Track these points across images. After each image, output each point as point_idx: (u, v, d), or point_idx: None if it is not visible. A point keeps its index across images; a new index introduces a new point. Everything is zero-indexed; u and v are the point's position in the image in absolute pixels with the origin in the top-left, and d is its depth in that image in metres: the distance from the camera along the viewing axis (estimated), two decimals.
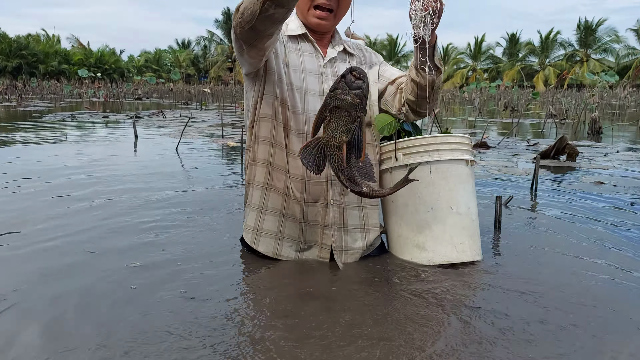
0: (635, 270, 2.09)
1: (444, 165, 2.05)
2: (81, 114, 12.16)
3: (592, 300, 1.78)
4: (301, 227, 2.04)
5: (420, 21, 1.73)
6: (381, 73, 2.18)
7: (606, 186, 3.88)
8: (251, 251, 2.16)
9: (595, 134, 8.33)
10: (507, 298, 1.80)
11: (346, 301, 1.74)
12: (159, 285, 1.85)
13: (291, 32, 2.05)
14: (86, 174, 4.05)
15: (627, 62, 47.95)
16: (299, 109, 1.99)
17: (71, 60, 50.46)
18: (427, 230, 2.05)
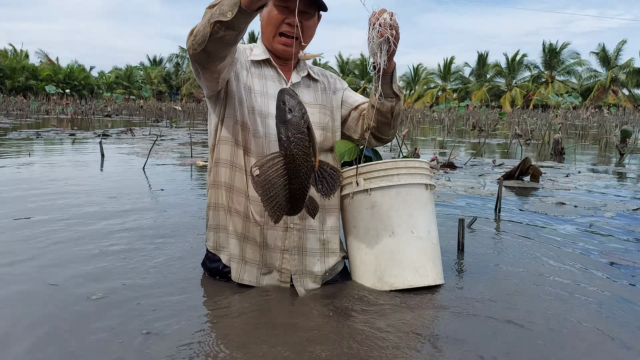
0: (590, 290, 2.14)
1: (404, 189, 2.07)
2: (47, 131, 11.91)
3: (546, 322, 1.81)
4: (261, 251, 2.02)
5: (377, 49, 1.76)
6: (344, 99, 2.21)
7: (567, 207, 3.98)
8: (212, 275, 2.13)
9: (557, 154, 8.56)
10: (468, 324, 1.81)
11: (306, 331, 1.73)
12: (119, 319, 1.80)
13: (255, 57, 2.06)
14: (48, 196, 3.95)
15: (590, 84, 49.68)
16: (260, 132, 1.99)
17: (39, 75, 49.54)
18: (388, 255, 2.05)
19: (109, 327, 1.71)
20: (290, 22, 1.94)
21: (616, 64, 48.47)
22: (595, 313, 1.93)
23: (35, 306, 1.88)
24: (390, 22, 1.74)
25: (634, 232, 3.21)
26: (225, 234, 2.05)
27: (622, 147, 9.03)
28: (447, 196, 4.40)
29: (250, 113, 1.98)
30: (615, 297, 2.11)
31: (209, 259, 2.15)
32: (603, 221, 3.52)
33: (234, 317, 1.82)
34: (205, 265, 2.20)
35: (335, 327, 1.75)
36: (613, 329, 1.79)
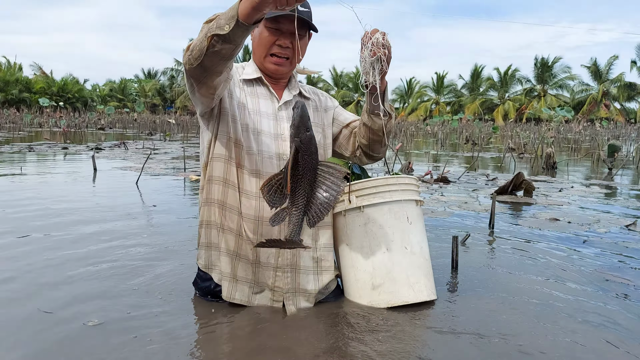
0: (585, 308, 2.13)
1: (396, 205, 2.08)
2: (40, 144, 11.85)
3: (538, 349, 1.79)
4: (253, 268, 2.00)
5: (370, 67, 1.77)
6: (335, 117, 2.22)
7: (561, 223, 3.99)
8: (204, 294, 2.11)
9: (550, 168, 8.59)
10: (465, 346, 1.79)
11: (300, 354, 1.71)
12: (116, 347, 1.77)
13: (247, 75, 2.06)
14: (39, 212, 3.92)
15: (582, 98, 50.15)
16: (253, 149, 1.98)
17: (33, 88, 49.44)
18: (384, 272, 2.04)
19: (90, 349, 1.68)
20: (281, 43, 1.95)
21: (607, 78, 49.00)
22: (592, 331, 1.92)
23: (25, 336, 1.84)
24: (383, 41, 1.75)
25: (627, 249, 3.21)
26: (217, 252, 2.03)
27: (610, 161, 9.08)
28: (441, 212, 4.39)
29: (244, 130, 1.98)
30: (611, 314, 2.09)
31: (201, 277, 2.13)
32: (597, 237, 3.51)
33: (224, 342, 1.79)
34: (196, 285, 2.17)
35: (329, 350, 1.72)
36: (610, 347, 1.77)
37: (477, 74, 56.12)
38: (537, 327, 1.96)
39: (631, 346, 1.82)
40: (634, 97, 48.37)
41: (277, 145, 2.02)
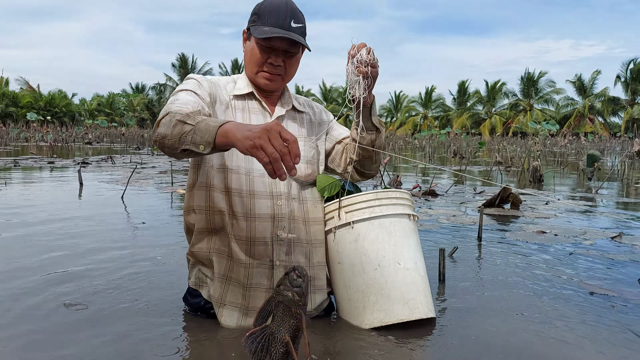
0: (571, 322, 2.13)
1: (387, 220, 2.01)
2: (25, 159, 11.74)
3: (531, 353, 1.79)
4: (244, 292, 1.94)
5: (356, 83, 1.77)
6: (329, 132, 2.18)
7: (547, 235, 4.00)
8: (194, 311, 2.08)
9: (536, 181, 8.66)
10: (448, 354, 1.78)
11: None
12: None
13: (238, 91, 2.01)
14: (21, 228, 3.86)
15: (567, 112, 50.88)
16: (242, 169, 1.92)
17: (19, 103, 49.13)
18: (376, 289, 1.96)
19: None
20: (272, 61, 1.91)
21: (592, 93, 49.81)
22: (575, 345, 1.91)
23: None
24: (367, 58, 1.75)
25: (613, 260, 3.22)
26: (206, 275, 2.00)
27: (591, 171, 9.15)
28: (429, 225, 4.39)
29: (231, 150, 1.90)
30: (596, 327, 2.09)
31: (191, 294, 2.09)
32: (583, 249, 3.53)
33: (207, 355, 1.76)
34: (186, 300, 2.13)
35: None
36: (589, 357, 1.77)
37: (464, 89, 56.79)
38: (524, 336, 1.95)
39: (614, 355, 1.81)
40: (618, 112, 49.19)
41: None
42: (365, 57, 1.76)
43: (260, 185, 1.93)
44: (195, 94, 1.85)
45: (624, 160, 13.75)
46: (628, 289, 2.62)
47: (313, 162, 2.09)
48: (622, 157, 15.19)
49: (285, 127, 1.98)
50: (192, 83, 1.92)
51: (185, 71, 55.92)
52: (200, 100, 1.84)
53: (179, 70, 56.26)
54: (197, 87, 1.90)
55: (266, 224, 1.92)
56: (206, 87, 1.93)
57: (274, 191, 1.94)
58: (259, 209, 1.91)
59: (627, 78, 47.34)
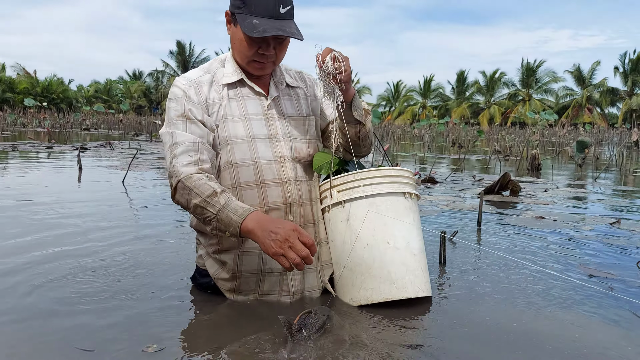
0: (569, 302, 2.15)
1: (378, 199, 1.98)
2: (24, 144, 11.70)
3: (526, 333, 1.81)
4: (257, 278, 1.97)
5: (330, 93, 1.79)
6: (323, 109, 2.15)
7: (546, 221, 4.03)
8: (203, 290, 2.10)
9: (534, 169, 8.68)
10: (448, 337, 1.80)
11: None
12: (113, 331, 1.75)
13: (228, 78, 1.94)
14: (21, 212, 3.86)
15: (566, 102, 50.83)
16: (248, 160, 1.90)
17: (16, 88, 48.84)
18: (364, 268, 1.97)
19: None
20: (264, 52, 1.84)
21: (591, 83, 49.75)
22: (575, 325, 1.94)
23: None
24: (334, 67, 1.74)
25: (612, 245, 3.25)
26: (219, 265, 2.00)
27: (581, 157, 9.12)
28: (429, 210, 4.41)
29: (234, 143, 1.89)
30: (595, 307, 2.12)
31: (200, 273, 2.09)
32: (582, 235, 3.56)
33: (217, 331, 1.78)
34: (195, 280, 2.14)
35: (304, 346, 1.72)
36: (590, 340, 1.80)
37: (463, 79, 56.63)
38: (523, 317, 1.98)
39: (613, 334, 1.84)
40: (616, 102, 49.17)
41: (273, 148, 1.94)
42: (332, 67, 1.74)
43: (269, 172, 1.92)
44: (190, 120, 1.83)
45: (621, 150, 13.79)
46: (627, 273, 2.65)
47: (314, 141, 2.09)
48: (619, 147, 15.22)
49: (282, 107, 1.99)
50: (180, 97, 1.86)
51: (182, 58, 55.60)
52: (197, 127, 1.83)
53: (177, 57, 55.92)
54: (187, 103, 1.85)
55: (279, 212, 1.94)
56: (194, 97, 1.87)
57: (282, 177, 1.94)
58: (271, 197, 1.92)
59: (627, 69, 47.27)
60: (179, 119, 1.84)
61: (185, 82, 1.90)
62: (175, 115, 1.85)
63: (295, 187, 1.97)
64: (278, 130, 1.96)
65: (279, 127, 1.97)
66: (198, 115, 1.85)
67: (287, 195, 1.94)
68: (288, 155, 1.97)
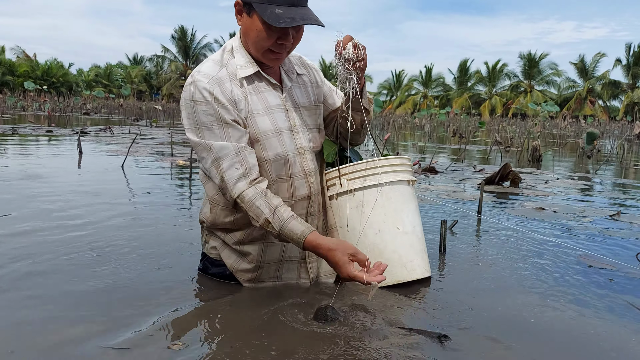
0: (569, 291, 2.16)
1: (387, 187, 2.08)
2: (24, 127, 11.67)
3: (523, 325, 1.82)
4: (277, 265, 2.01)
5: (346, 79, 1.81)
6: (326, 97, 2.13)
7: (547, 212, 4.03)
8: (217, 278, 2.09)
9: (535, 161, 8.67)
10: (450, 321, 1.81)
11: (293, 333, 1.71)
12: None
13: (243, 71, 1.85)
14: (21, 197, 3.85)
15: (568, 95, 50.64)
16: (280, 155, 1.87)
17: (16, 71, 48.61)
18: (377, 253, 2.05)
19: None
20: (283, 42, 1.77)
21: (593, 75, 49.53)
22: (573, 314, 1.95)
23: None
24: (354, 54, 1.76)
25: (611, 237, 3.25)
26: (239, 258, 2.00)
27: (590, 149, 9.12)
28: (429, 200, 4.41)
29: (265, 139, 1.85)
30: (593, 298, 2.13)
31: (213, 263, 2.07)
32: (581, 226, 3.56)
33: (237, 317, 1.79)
34: (206, 270, 2.12)
35: (325, 329, 1.73)
36: (588, 329, 1.80)
37: (465, 69, 56.37)
38: (520, 307, 1.98)
39: (610, 325, 1.85)
40: (618, 95, 49.00)
41: (294, 140, 1.93)
42: (352, 54, 1.76)
43: (296, 166, 1.92)
44: (226, 124, 1.77)
45: (622, 143, 13.76)
46: (626, 264, 2.65)
47: (321, 129, 2.09)
48: (620, 140, 15.19)
49: (295, 98, 1.97)
50: (209, 99, 1.77)
51: (183, 44, 55.20)
52: (234, 130, 1.78)
53: (178, 42, 55.54)
54: (217, 105, 1.77)
55: (304, 202, 1.97)
56: (222, 98, 1.78)
57: (306, 169, 1.95)
58: (299, 190, 1.94)
59: (629, 62, 47.03)
60: (214, 124, 1.76)
61: (208, 80, 1.78)
62: (209, 120, 1.76)
63: (315, 178, 1.99)
64: (296, 122, 1.94)
65: (295, 117, 1.95)
66: (231, 115, 1.78)
67: (311, 187, 1.97)
68: (307, 146, 1.96)
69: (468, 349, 1.61)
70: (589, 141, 9.06)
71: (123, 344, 1.54)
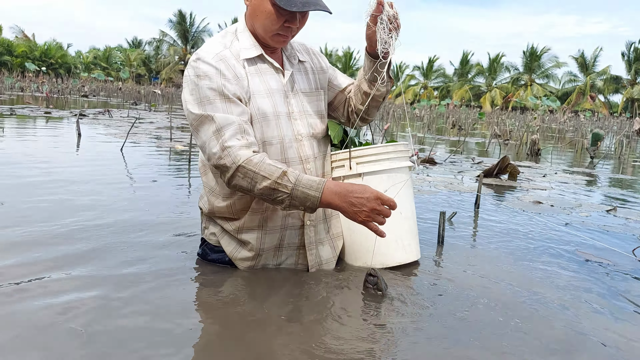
0: (564, 285, 2.17)
1: (393, 172, 2.14)
2: (22, 108, 11.61)
3: (521, 317, 1.84)
4: (275, 252, 2.01)
5: (389, 40, 1.82)
6: (331, 80, 2.14)
7: (544, 206, 4.04)
8: (215, 263, 2.09)
9: (534, 154, 8.68)
10: (443, 303, 1.83)
11: (309, 312, 1.72)
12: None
13: (246, 52, 1.87)
14: (15, 180, 3.84)
15: (569, 89, 50.54)
16: (276, 138, 1.88)
17: (14, 52, 48.23)
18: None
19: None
20: (290, 25, 1.79)
21: (594, 70, 49.43)
22: (565, 308, 1.96)
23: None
24: (394, 11, 1.79)
25: (608, 232, 3.27)
26: (237, 246, 2.01)
27: (593, 150, 9.17)
28: (427, 190, 4.42)
29: (263, 120, 1.85)
30: (589, 292, 2.14)
31: (212, 249, 2.08)
32: (578, 220, 3.58)
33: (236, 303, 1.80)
34: (205, 256, 2.12)
35: (339, 306, 1.74)
36: (582, 322, 1.82)
37: (466, 60, 56.19)
38: (515, 298, 2.00)
39: (608, 317, 1.87)
40: (619, 90, 48.95)
41: (292, 126, 1.94)
42: (392, 11, 1.78)
43: (292, 151, 1.92)
44: (229, 99, 1.75)
45: (621, 139, 13.78)
46: (622, 259, 2.67)
47: (325, 116, 2.10)
48: (619, 136, 15.22)
49: (296, 83, 1.97)
50: (213, 74, 1.77)
51: (182, 28, 54.76)
52: (238, 107, 1.76)
53: (177, 26, 55.08)
54: (222, 80, 1.77)
55: None
56: (226, 72, 1.79)
57: (302, 155, 1.95)
58: None
59: (631, 58, 46.91)
60: (217, 99, 1.75)
61: (213, 57, 1.79)
62: (212, 94, 1.75)
63: (314, 165, 1.99)
64: (294, 108, 1.95)
65: (294, 104, 1.96)
66: (235, 91, 1.78)
67: (307, 173, 1.96)
68: (305, 133, 1.97)
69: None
70: (593, 142, 9.11)
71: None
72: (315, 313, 1.74)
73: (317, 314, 1.73)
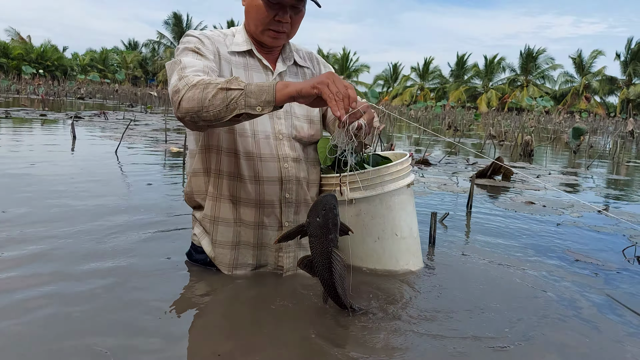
0: (554, 284, 2.19)
1: (387, 195, 2.07)
2: (17, 110, 11.59)
3: (507, 319, 1.85)
4: (254, 252, 2.01)
5: (347, 148, 1.70)
6: None
7: (536, 206, 4.07)
8: (199, 264, 2.10)
9: (527, 155, 8.71)
10: (438, 307, 1.84)
11: (298, 317, 1.73)
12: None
13: (236, 47, 1.95)
14: (11, 181, 3.85)
15: (565, 90, 50.66)
16: (248, 131, 1.91)
17: (10, 54, 48.10)
18: (374, 258, 2.12)
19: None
20: (280, 19, 1.84)
21: (590, 71, 49.57)
22: (556, 305, 1.98)
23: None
24: (361, 125, 1.61)
25: (599, 232, 3.29)
26: (214, 242, 2.00)
27: (576, 144, 9.15)
28: (421, 192, 4.44)
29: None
30: (579, 292, 2.16)
31: (196, 250, 2.10)
32: (570, 220, 3.60)
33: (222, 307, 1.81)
34: (191, 257, 2.14)
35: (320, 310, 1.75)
36: (573, 322, 1.84)
37: (463, 62, 56.30)
38: (504, 296, 2.02)
39: (593, 321, 1.89)
40: (614, 91, 49.09)
41: (272, 124, 1.95)
42: (359, 124, 1.60)
43: (267, 147, 1.92)
44: (200, 54, 1.80)
45: (615, 139, 13.84)
46: (612, 259, 2.69)
47: (316, 123, 2.09)
48: (613, 137, 15.27)
49: None
50: (193, 41, 1.86)
51: (179, 30, 54.73)
52: (207, 61, 1.80)
53: (173, 28, 55.04)
54: (200, 45, 1.84)
55: (274, 187, 1.95)
56: (208, 44, 1.88)
57: (280, 154, 1.95)
58: (267, 171, 1.93)
59: (627, 58, 47.05)
60: (189, 52, 1.81)
61: (199, 33, 1.91)
62: (185, 50, 1.82)
63: (293, 165, 1.97)
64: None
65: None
66: (209, 55, 1.85)
67: (283, 171, 1.95)
68: (286, 133, 1.98)
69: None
70: (575, 136, 9.09)
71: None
72: (286, 316, 1.75)
73: (289, 317, 1.74)
